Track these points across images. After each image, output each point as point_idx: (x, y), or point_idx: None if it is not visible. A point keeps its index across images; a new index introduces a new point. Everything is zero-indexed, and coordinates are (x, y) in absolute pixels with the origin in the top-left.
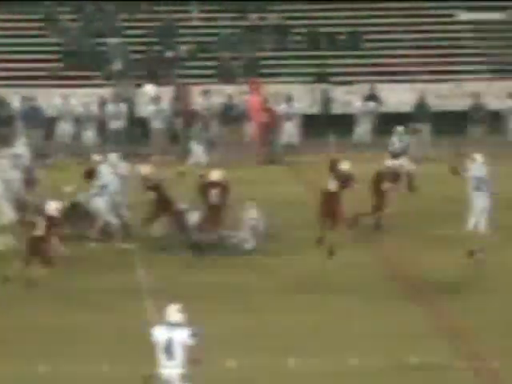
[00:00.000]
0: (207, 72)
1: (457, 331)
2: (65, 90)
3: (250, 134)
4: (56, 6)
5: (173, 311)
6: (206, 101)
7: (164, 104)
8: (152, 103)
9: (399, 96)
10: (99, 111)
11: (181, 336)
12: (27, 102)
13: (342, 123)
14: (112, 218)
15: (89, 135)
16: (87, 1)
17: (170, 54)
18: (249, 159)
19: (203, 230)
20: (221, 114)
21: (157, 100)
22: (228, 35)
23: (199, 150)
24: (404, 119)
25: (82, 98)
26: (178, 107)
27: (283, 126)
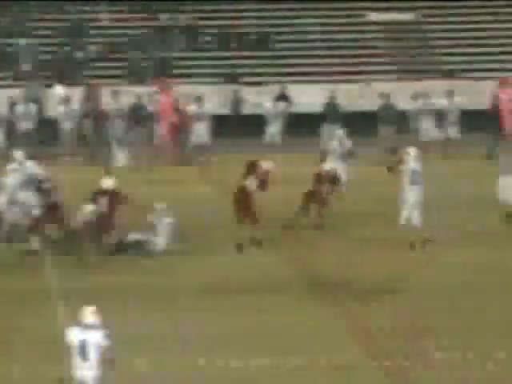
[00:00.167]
0: (117, 72)
1: (367, 331)
2: None
3: (161, 135)
4: None
5: (87, 313)
6: (116, 101)
7: (74, 105)
8: (62, 104)
9: (309, 96)
10: (8, 112)
11: (95, 337)
12: None
13: (253, 124)
14: (18, 218)
15: None
16: None
17: (80, 55)
18: (160, 160)
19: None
20: (130, 115)
21: (66, 101)
22: (138, 36)
23: (121, 152)
24: (314, 120)
25: None
26: (88, 108)
27: (194, 127)
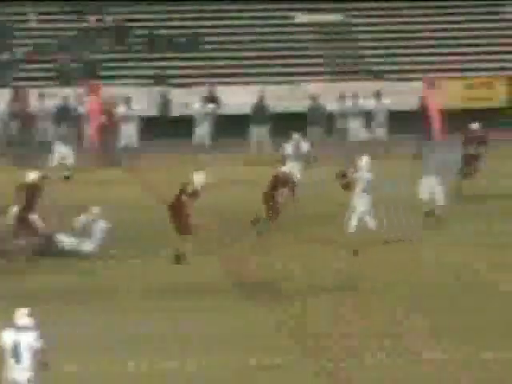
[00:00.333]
0: (45, 74)
1: (302, 331)
2: None
3: (89, 136)
4: None
5: (20, 314)
6: (43, 103)
7: (0, 106)
8: None
9: (238, 98)
10: None
11: (28, 339)
12: None
13: (181, 125)
14: None
15: None
16: None
17: (7, 56)
18: (88, 161)
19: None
20: (57, 116)
21: None
22: (66, 37)
23: (65, 151)
24: (243, 121)
25: None
26: (15, 110)
27: (122, 128)
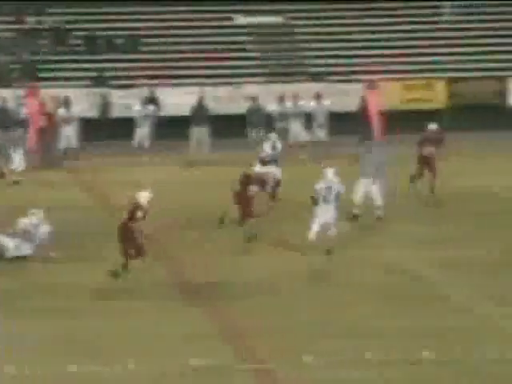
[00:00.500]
0: None
1: (237, 332)
2: None
3: (29, 139)
4: None
5: None
6: None
7: None
8: None
9: (178, 99)
10: None
11: None
12: None
13: (122, 127)
14: None
15: None
16: None
17: None
18: (28, 163)
19: None
20: None
21: None
22: (5, 38)
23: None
24: (183, 122)
25: None
26: None
27: (62, 130)
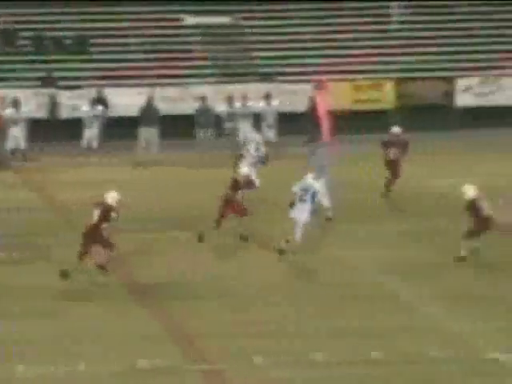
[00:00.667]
0: None
1: (186, 333)
2: None
3: None
4: None
5: None
6: None
7: None
8: None
9: (127, 100)
10: None
11: None
12: None
13: (70, 127)
14: None
15: None
16: None
17: None
18: None
19: None
20: None
21: None
22: None
23: None
24: (132, 123)
25: None
26: None
27: (10, 131)
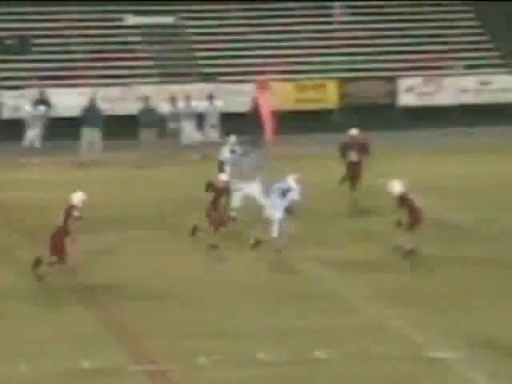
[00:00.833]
0: None
1: (130, 334)
2: None
3: None
4: None
5: None
6: None
7: None
8: None
9: (69, 100)
10: None
11: None
12: None
13: (12, 127)
14: None
15: None
16: None
17: None
18: None
19: None
20: None
21: None
22: None
23: None
24: (74, 123)
25: None
26: None
27: None
